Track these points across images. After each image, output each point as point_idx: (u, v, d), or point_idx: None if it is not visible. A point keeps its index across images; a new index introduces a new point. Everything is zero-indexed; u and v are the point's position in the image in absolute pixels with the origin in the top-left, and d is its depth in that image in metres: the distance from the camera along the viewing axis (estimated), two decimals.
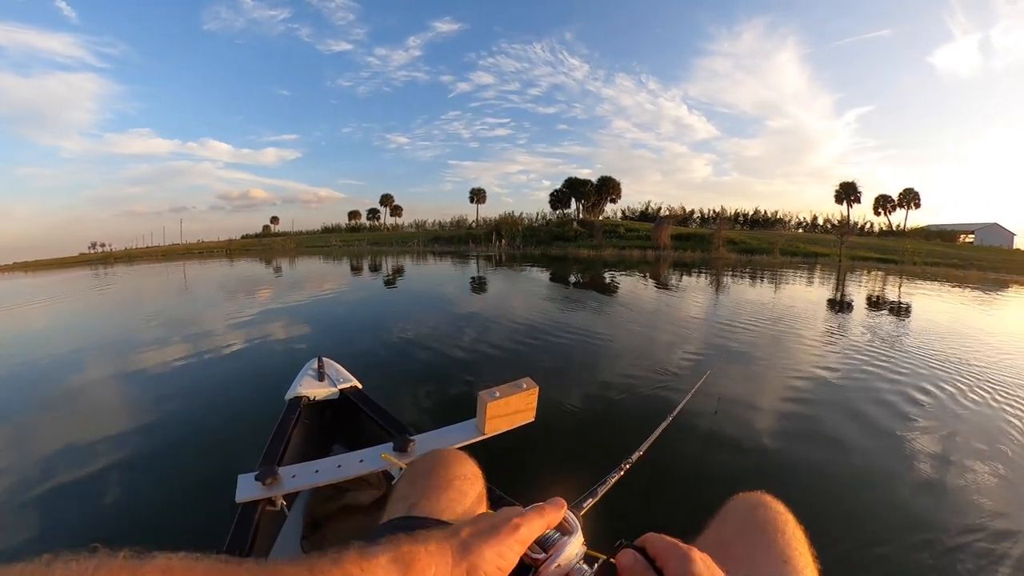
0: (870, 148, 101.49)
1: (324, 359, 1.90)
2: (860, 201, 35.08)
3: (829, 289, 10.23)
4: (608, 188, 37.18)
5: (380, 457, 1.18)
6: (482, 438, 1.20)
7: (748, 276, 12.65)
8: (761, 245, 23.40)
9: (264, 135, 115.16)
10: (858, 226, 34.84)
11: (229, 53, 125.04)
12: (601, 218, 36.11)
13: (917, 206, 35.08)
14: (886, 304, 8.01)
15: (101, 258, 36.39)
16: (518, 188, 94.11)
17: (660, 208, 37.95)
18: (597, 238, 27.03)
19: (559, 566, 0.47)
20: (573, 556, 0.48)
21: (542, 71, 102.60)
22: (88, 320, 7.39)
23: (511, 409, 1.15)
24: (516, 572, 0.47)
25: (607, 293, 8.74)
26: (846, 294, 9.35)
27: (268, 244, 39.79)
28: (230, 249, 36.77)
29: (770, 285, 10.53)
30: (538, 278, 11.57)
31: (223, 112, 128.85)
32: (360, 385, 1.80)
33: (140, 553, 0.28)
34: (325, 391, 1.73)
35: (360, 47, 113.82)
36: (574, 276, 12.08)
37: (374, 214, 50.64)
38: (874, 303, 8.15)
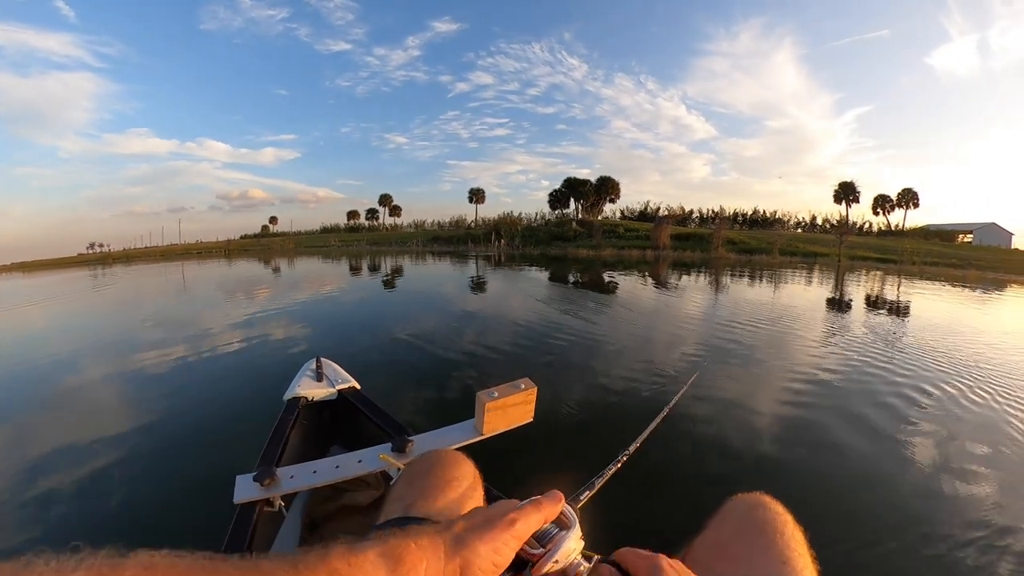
0: (869, 148, 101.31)
1: (322, 359, 1.90)
2: (859, 201, 35.12)
3: (828, 289, 10.24)
4: (607, 188, 37.19)
5: (378, 458, 1.18)
6: (481, 438, 1.20)
7: (747, 276, 12.66)
8: (760, 245, 23.44)
9: (262, 135, 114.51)
10: (857, 226, 34.90)
11: (227, 53, 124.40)
12: (600, 218, 36.13)
13: (916, 206, 35.15)
14: (886, 304, 8.02)
15: (99, 258, 36.32)
16: (517, 188, 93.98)
17: (659, 208, 38.03)
18: (596, 238, 27.05)
19: (557, 561, 0.46)
20: (571, 551, 0.47)
21: (541, 71, 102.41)
22: (86, 321, 7.37)
23: (509, 409, 1.15)
24: (512, 567, 0.45)
25: (606, 293, 8.74)
26: (845, 294, 9.35)
27: (267, 244, 39.76)
28: (229, 249, 36.72)
29: (769, 285, 10.54)
30: (537, 278, 11.56)
31: (221, 112, 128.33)
32: (358, 386, 1.80)
33: (122, 551, 0.27)
34: (323, 392, 1.73)
35: (359, 47, 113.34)
36: (573, 276, 12.08)
37: (373, 214, 50.55)
38: (873, 303, 8.15)
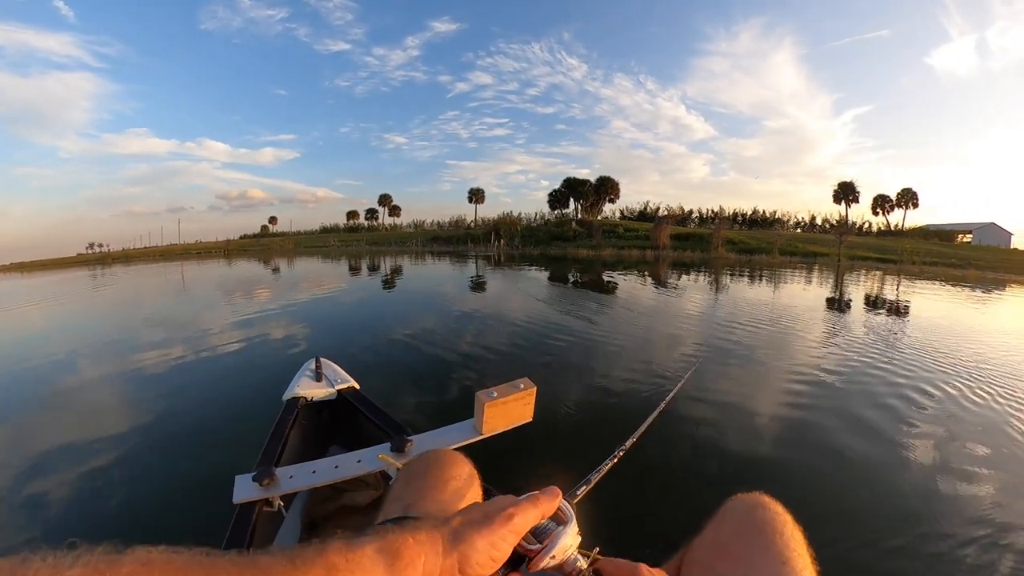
0: (868, 148, 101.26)
1: (322, 359, 1.90)
2: (858, 201, 35.13)
3: (828, 289, 10.25)
4: (607, 188, 37.19)
5: (377, 458, 1.18)
6: (480, 438, 1.20)
7: (747, 276, 12.67)
8: (760, 245, 23.45)
9: (262, 135, 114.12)
10: (856, 226, 34.92)
11: (226, 52, 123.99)
12: (600, 218, 36.12)
13: (915, 206, 35.17)
14: (886, 304, 8.03)
15: (98, 258, 36.28)
16: (516, 188, 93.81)
17: (659, 208, 38.03)
18: (596, 238, 27.04)
19: (554, 557, 0.46)
20: (568, 546, 0.47)
21: (540, 71, 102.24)
22: (85, 321, 7.37)
23: (509, 409, 1.15)
24: (510, 563, 0.46)
25: (605, 293, 8.74)
26: (845, 294, 9.36)
27: (266, 244, 39.73)
28: (228, 249, 36.69)
29: (769, 285, 10.54)
30: (536, 278, 11.56)
31: (220, 112, 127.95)
32: (358, 386, 1.80)
33: (119, 547, 0.27)
34: (323, 392, 1.72)
35: (358, 47, 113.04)
36: (572, 276, 12.09)
37: (372, 214, 50.51)
38: (873, 303, 8.16)
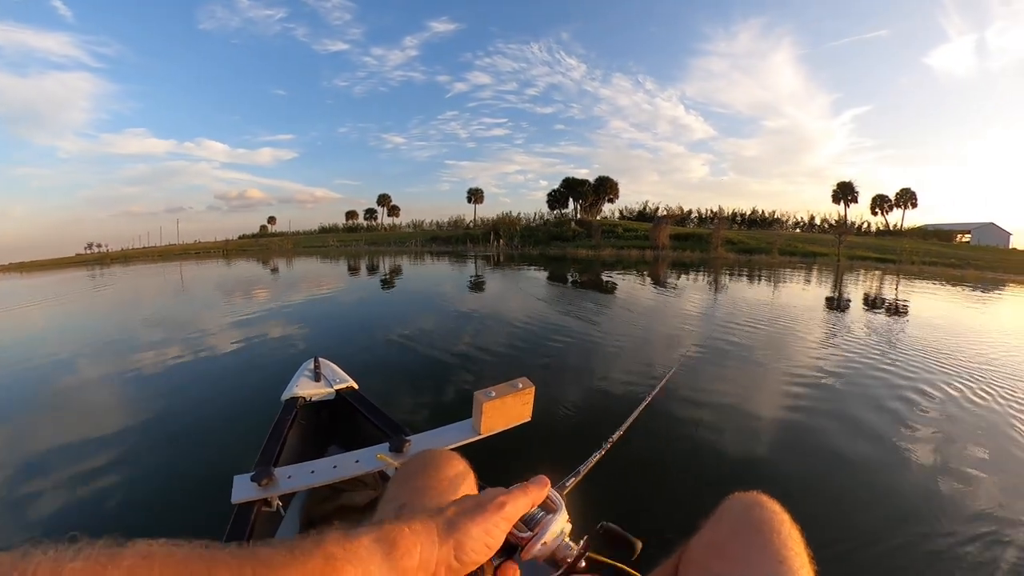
0: (867, 148, 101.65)
1: (320, 359, 1.89)
2: (857, 201, 35.21)
3: (828, 289, 10.26)
4: (606, 188, 37.22)
5: (376, 457, 1.18)
6: (478, 438, 1.19)
7: (747, 276, 12.68)
8: (759, 245, 23.48)
9: (260, 135, 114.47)
10: (855, 226, 34.97)
11: (225, 52, 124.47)
12: (599, 218, 36.15)
13: (914, 206, 35.25)
14: (886, 304, 8.04)
15: (97, 259, 36.26)
16: (515, 188, 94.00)
17: (658, 208, 38.07)
18: (595, 238, 27.05)
19: (544, 544, 0.48)
20: (558, 533, 0.49)
21: (539, 71, 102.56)
22: (85, 322, 7.36)
23: (507, 409, 1.14)
24: (502, 552, 0.47)
25: (604, 293, 8.74)
26: (845, 294, 9.37)
27: (265, 244, 39.72)
28: (227, 249, 36.69)
29: (769, 285, 10.55)
30: (536, 278, 11.56)
31: (219, 112, 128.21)
32: (356, 385, 1.79)
33: (120, 541, 0.27)
34: (321, 391, 1.72)
35: (356, 47, 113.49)
36: (572, 276, 12.09)
37: (371, 214, 50.54)
38: (873, 303, 8.17)
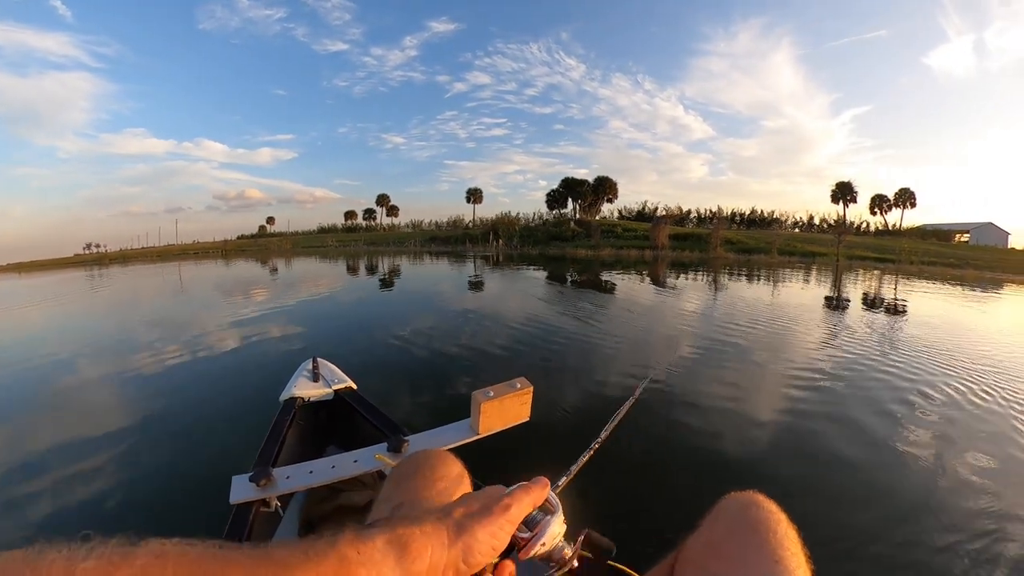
0: (866, 148, 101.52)
1: (319, 360, 1.89)
2: (856, 201, 35.24)
3: (827, 288, 10.27)
4: (605, 188, 37.21)
5: (374, 458, 1.18)
6: (476, 438, 1.20)
7: (746, 276, 12.69)
8: (759, 245, 23.48)
9: (259, 135, 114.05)
10: (854, 226, 35.01)
11: (224, 52, 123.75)
12: (598, 218, 36.15)
13: (913, 206, 35.29)
14: (885, 303, 8.05)
15: (96, 259, 36.23)
16: (515, 188, 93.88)
17: (657, 208, 38.08)
18: (594, 238, 27.05)
19: (544, 544, 0.48)
20: (556, 534, 0.49)
21: (539, 71, 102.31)
22: (84, 322, 7.35)
23: (506, 408, 1.15)
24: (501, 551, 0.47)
25: (604, 293, 8.74)
26: (844, 293, 9.38)
27: (264, 244, 39.69)
28: (226, 250, 36.67)
29: (768, 285, 10.56)
30: (535, 278, 11.56)
31: (218, 112, 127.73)
32: (355, 386, 1.80)
33: (133, 540, 0.28)
34: (320, 392, 1.72)
35: (356, 47, 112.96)
36: (571, 276, 12.09)
37: (370, 214, 50.49)
38: (872, 302, 8.18)
